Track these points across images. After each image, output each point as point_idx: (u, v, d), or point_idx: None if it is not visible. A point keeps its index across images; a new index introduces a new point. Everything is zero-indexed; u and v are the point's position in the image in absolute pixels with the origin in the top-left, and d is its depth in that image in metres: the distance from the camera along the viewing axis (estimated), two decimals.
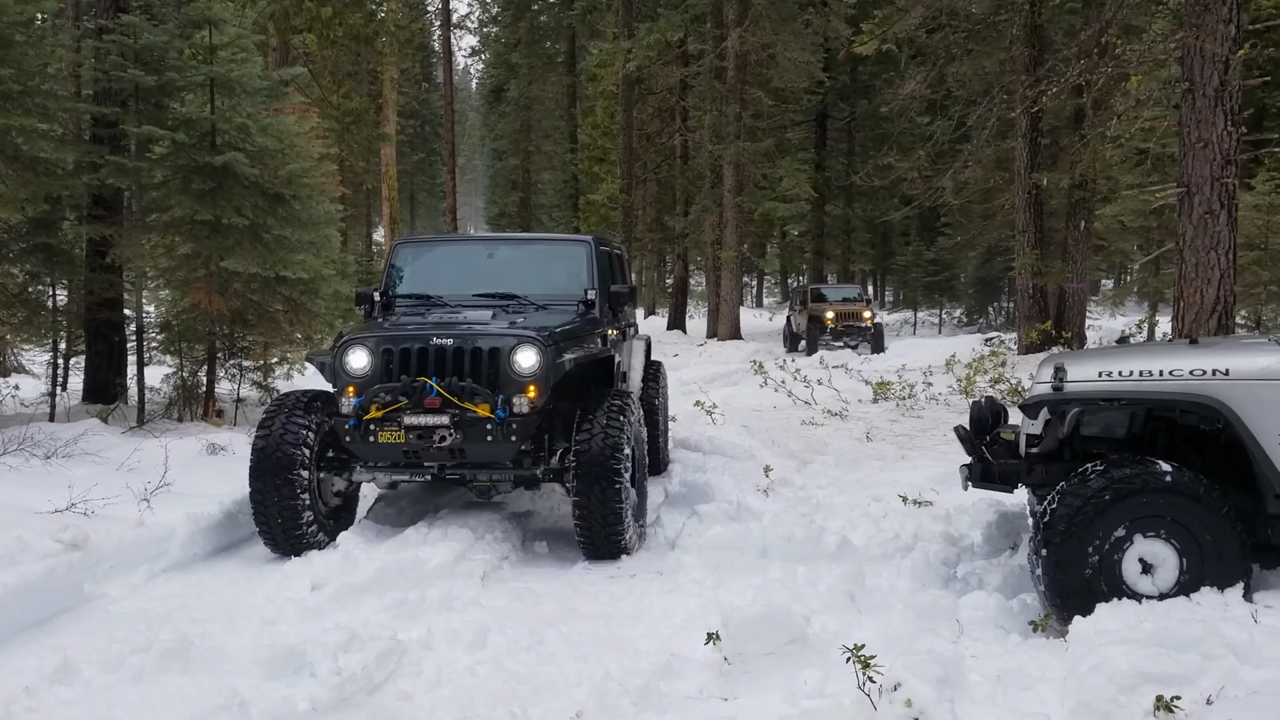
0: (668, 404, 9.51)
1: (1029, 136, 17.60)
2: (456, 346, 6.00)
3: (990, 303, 34.52)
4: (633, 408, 6.30)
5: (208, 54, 10.51)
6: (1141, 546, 4.55)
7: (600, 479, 5.87)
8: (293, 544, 6.11)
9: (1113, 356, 5.06)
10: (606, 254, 7.91)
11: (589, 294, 7.14)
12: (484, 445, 5.85)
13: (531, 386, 5.93)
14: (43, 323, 10.34)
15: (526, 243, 8.35)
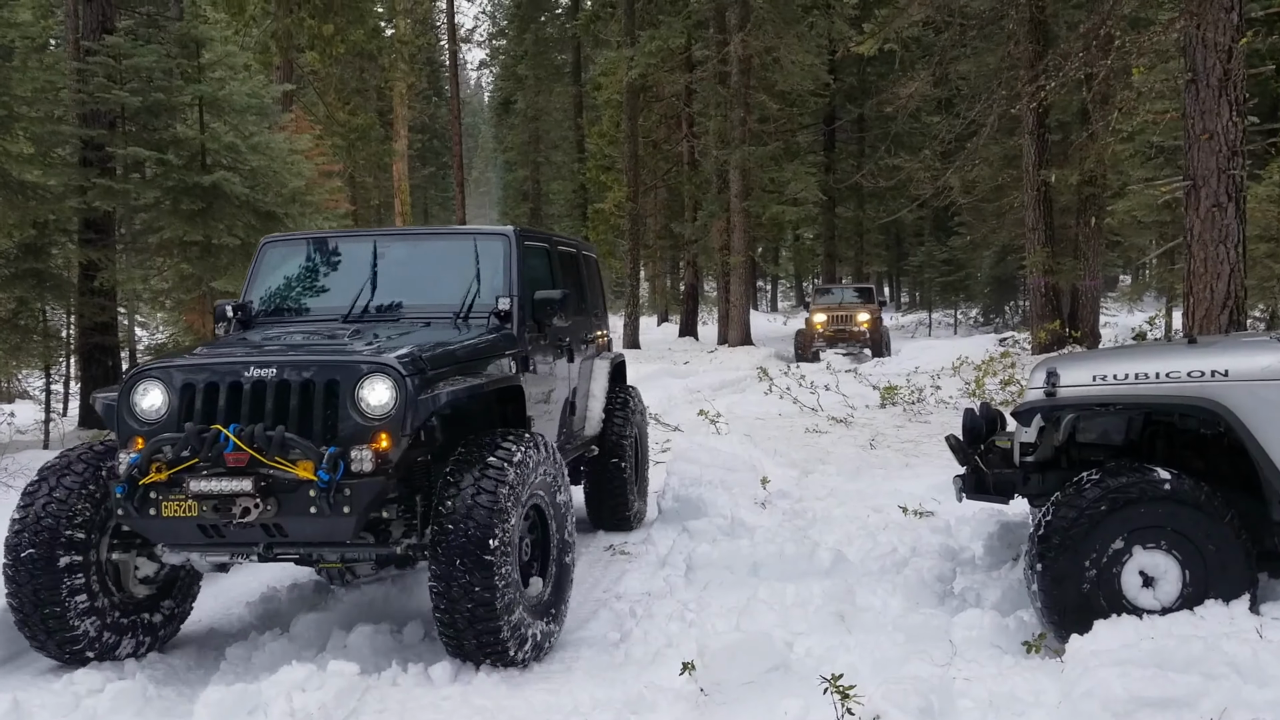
0: (645, 440, 8.01)
1: (1036, 133, 17.36)
2: (280, 379, 4.42)
3: (1006, 302, 34.17)
4: (532, 456, 4.68)
5: (196, 73, 10.44)
6: (1141, 559, 4.33)
7: (463, 562, 4.27)
8: (73, 656, 4.61)
9: (1108, 359, 4.84)
10: (545, 252, 6.45)
11: (502, 303, 5.47)
12: (306, 520, 4.31)
13: (383, 434, 4.34)
14: (34, 348, 10.24)
15: (426, 239, 6.40)
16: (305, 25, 21.80)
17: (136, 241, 10.92)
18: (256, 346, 4.85)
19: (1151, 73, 11.07)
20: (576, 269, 7.16)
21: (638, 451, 7.70)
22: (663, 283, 42.36)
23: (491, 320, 5.44)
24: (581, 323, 6.97)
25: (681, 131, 30.49)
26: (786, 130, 29.13)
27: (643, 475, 7.87)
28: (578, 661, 4.66)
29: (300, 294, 5.94)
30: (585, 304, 7.22)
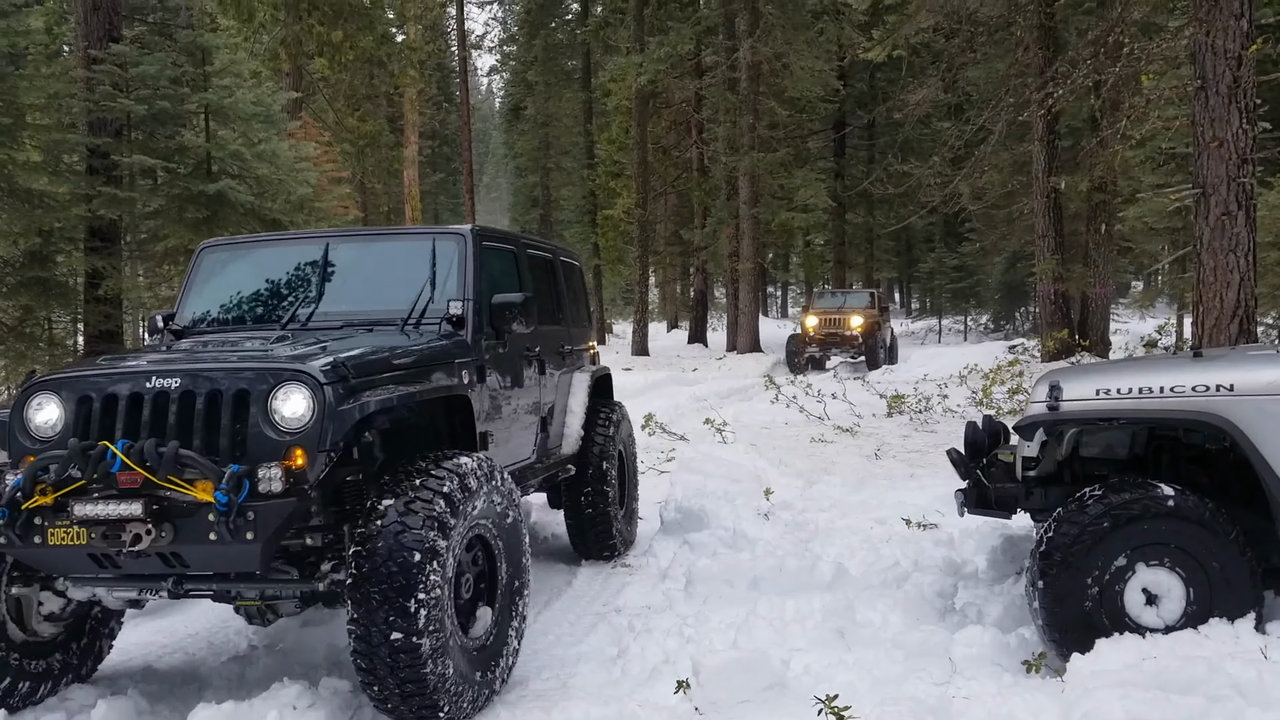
0: (632, 460, 7.50)
1: (1046, 140, 17.27)
2: (184, 390, 3.94)
3: (1017, 309, 34.06)
4: (472, 481, 4.19)
5: (203, 81, 10.45)
6: (1145, 576, 4.26)
7: (382, 603, 3.77)
8: None
9: (1111, 372, 4.77)
10: (511, 255, 5.95)
11: (454, 307, 5.01)
12: (205, 548, 3.80)
13: (297, 450, 3.85)
14: (39, 356, 10.26)
15: (376, 240, 5.91)
16: (314, 32, 21.82)
17: (142, 249, 10.93)
18: (167, 356, 4.42)
19: (1161, 79, 10.99)
20: (551, 275, 6.68)
21: (624, 472, 7.21)
22: (672, 289, 42.32)
23: (443, 326, 4.99)
24: (556, 333, 6.48)
25: (691, 138, 30.47)
26: (796, 137, 29.10)
27: (630, 498, 7.32)
28: (574, 678, 4.60)
29: (239, 301, 5.46)
30: (561, 312, 6.74)
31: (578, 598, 5.98)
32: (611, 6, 32.18)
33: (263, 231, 10.34)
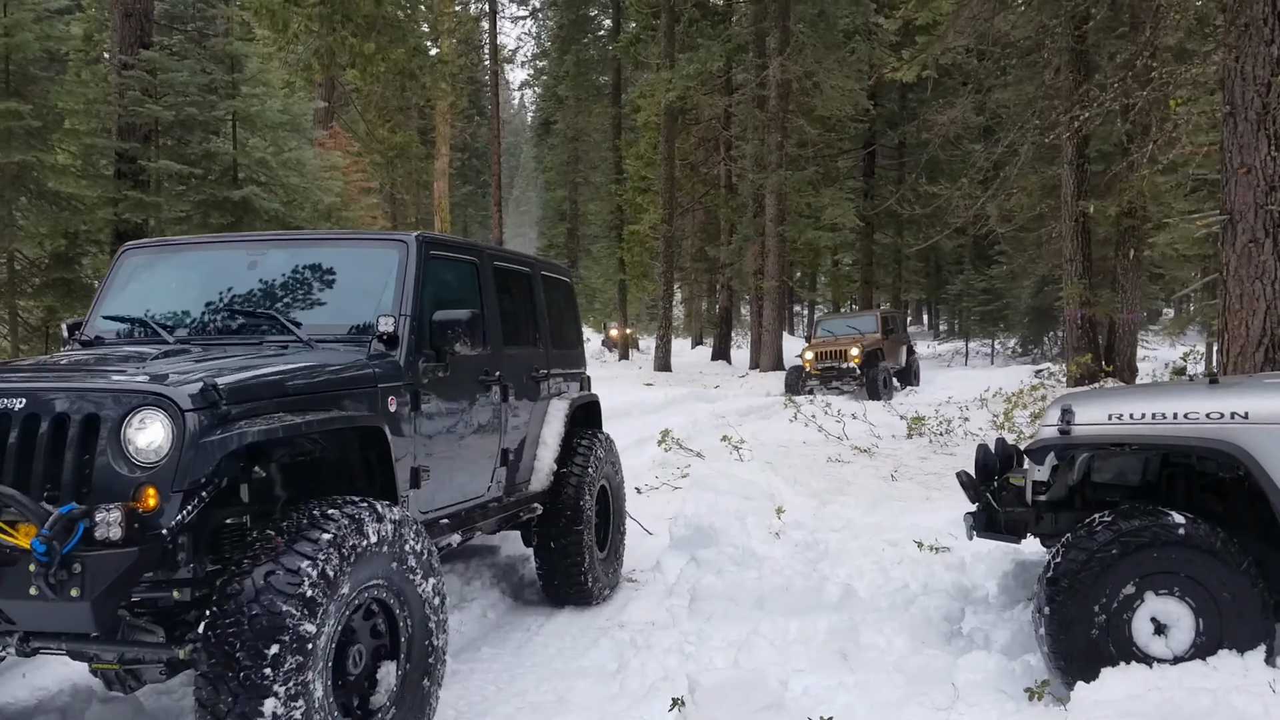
0: (619, 498, 6.91)
1: (1076, 163, 17.15)
2: (28, 413, 3.39)
3: (1045, 333, 33.74)
4: (368, 535, 3.55)
5: (231, 89, 10.56)
6: (1153, 605, 4.18)
7: (234, 674, 3.18)
8: None
9: (1125, 397, 4.70)
10: (470, 267, 5.33)
11: (384, 323, 4.41)
12: (27, 604, 3.18)
13: (149, 489, 3.25)
14: None
15: (308, 245, 5.19)
16: (347, 44, 22.00)
17: None
18: (26, 370, 3.88)
19: (1191, 105, 10.89)
20: (527, 291, 6.12)
21: (610, 511, 6.68)
22: (697, 305, 42.31)
23: (373, 345, 4.40)
24: (527, 356, 5.91)
25: (719, 155, 30.50)
26: (825, 155, 29.05)
27: (616, 540, 6.76)
28: (571, 692, 4.57)
29: (152, 309, 4.85)
30: (537, 333, 6.17)
31: (580, 611, 5.94)
32: (643, 23, 32.31)
33: None
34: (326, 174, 12.18)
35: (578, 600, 6.11)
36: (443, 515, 4.80)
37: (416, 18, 30.65)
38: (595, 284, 41.43)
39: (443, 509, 4.81)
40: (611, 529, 6.72)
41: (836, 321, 25.01)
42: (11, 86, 9.20)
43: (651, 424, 14.26)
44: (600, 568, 6.28)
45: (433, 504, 4.68)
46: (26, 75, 9.39)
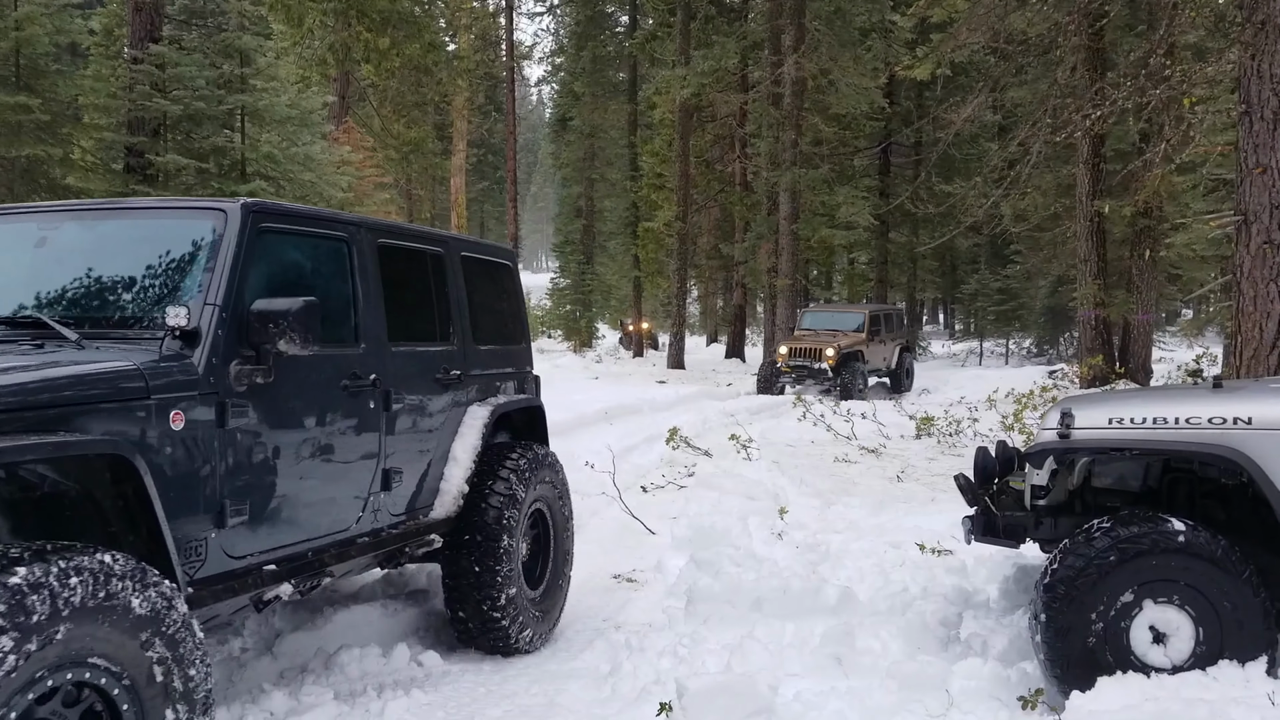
0: (560, 526, 5.76)
1: (1091, 162, 17.01)
2: None
3: (1061, 333, 33.52)
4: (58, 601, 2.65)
5: (240, 83, 10.56)
6: (1152, 613, 4.11)
7: None
8: None
9: (1126, 401, 4.62)
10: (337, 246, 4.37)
11: (175, 316, 3.43)
12: None
13: None
14: None
15: (108, 217, 4.27)
16: (362, 39, 22.05)
17: None
18: None
19: (1208, 104, 10.77)
20: (434, 276, 5.10)
21: (547, 542, 5.63)
22: (712, 303, 42.22)
23: (166, 344, 3.47)
24: (431, 355, 4.94)
25: (734, 152, 30.42)
26: (840, 153, 28.92)
27: (555, 576, 5.64)
28: (562, 694, 4.54)
29: None
30: (449, 326, 5.18)
31: (579, 613, 5.90)
32: (659, 20, 32.22)
33: None
34: (337, 169, 12.17)
35: (495, 646, 5.06)
36: (270, 560, 3.78)
37: (433, 13, 30.69)
38: (610, 280, 41.40)
39: (271, 551, 3.81)
40: (550, 563, 5.61)
41: (821, 315, 23.58)
42: (21, 81, 9.22)
43: (661, 421, 14.21)
44: (529, 609, 5.19)
45: (255, 546, 3.72)
46: (36, 69, 9.41)
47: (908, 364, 23.59)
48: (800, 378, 20.50)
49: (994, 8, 13.22)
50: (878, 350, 21.98)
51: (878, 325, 22.22)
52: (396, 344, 4.62)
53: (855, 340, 21.10)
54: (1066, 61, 14.53)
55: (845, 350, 20.47)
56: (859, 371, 20.16)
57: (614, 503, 8.49)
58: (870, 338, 21.54)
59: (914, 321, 38.97)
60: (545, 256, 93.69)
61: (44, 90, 9.28)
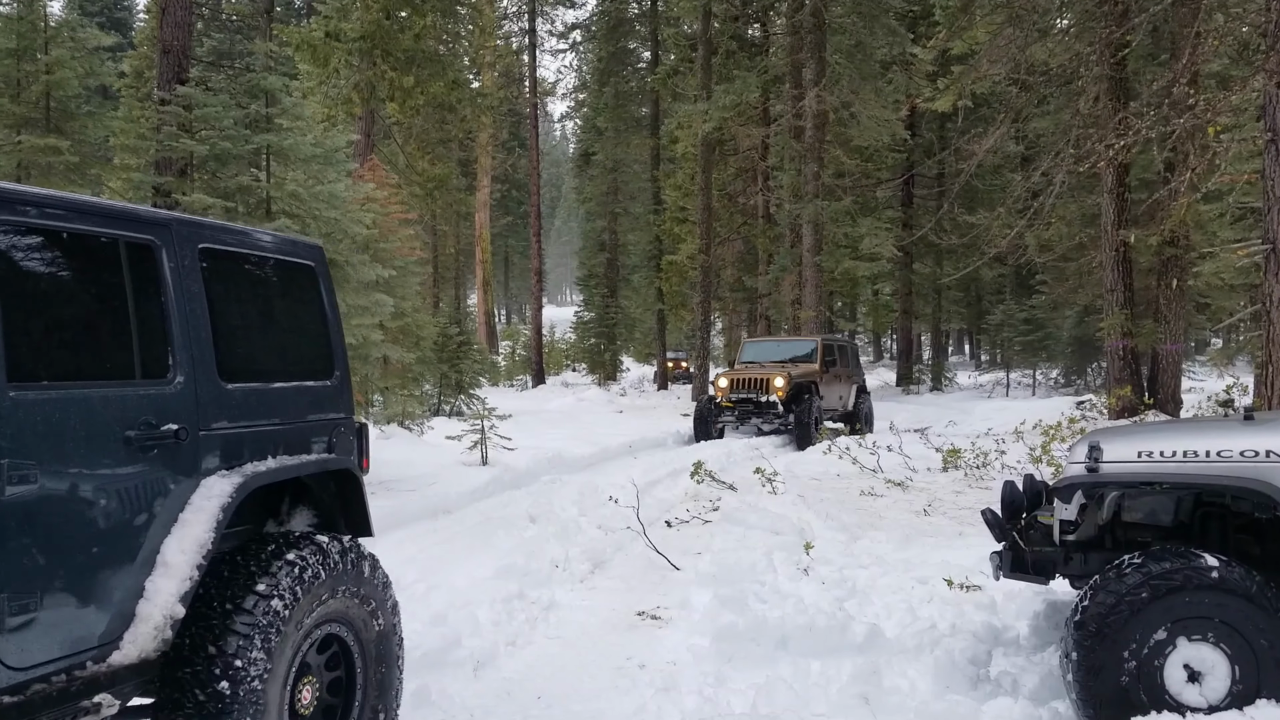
0: (386, 658, 4.08)
1: (1116, 192, 16.90)
2: None
3: (1088, 364, 33.23)
4: None
5: (265, 123, 10.67)
6: (1186, 651, 4.03)
7: None
8: None
9: (1156, 434, 4.56)
10: None
11: None
12: None
13: None
14: None
15: None
16: (386, 78, 22.28)
17: None
18: None
19: (1232, 132, 10.70)
20: (132, 277, 3.38)
21: (356, 685, 3.93)
22: (736, 335, 42.12)
23: None
24: (105, 400, 3.19)
25: (756, 185, 30.46)
26: (862, 185, 28.92)
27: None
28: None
29: None
30: (163, 355, 3.45)
31: (602, 650, 5.83)
32: (681, 55, 32.44)
33: None
34: (361, 206, 12.26)
35: None
36: None
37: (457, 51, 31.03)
38: (634, 313, 41.44)
39: None
40: (358, 711, 3.97)
41: (766, 345, 20.38)
42: (52, 123, 9.34)
43: (685, 456, 14.18)
44: None
45: None
46: (66, 112, 9.55)
47: (866, 407, 20.42)
48: (744, 415, 17.47)
49: (1015, 39, 13.21)
50: (833, 387, 18.99)
51: (832, 356, 19.22)
52: (30, 383, 2.97)
53: (808, 371, 18.23)
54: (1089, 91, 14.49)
55: (798, 381, 17.59)
56: (814, 407, 17.08)
57: (638, 538, 8.44)
58: (824, 369, 18.64)
59: (940, 353, 38.73)
60: (569, 290, 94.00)
61: (74, 132, 9.41)
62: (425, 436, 15.46)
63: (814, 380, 18.00)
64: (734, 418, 17.53)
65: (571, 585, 7.24)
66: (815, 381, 18.00)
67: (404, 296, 15.78)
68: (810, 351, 18.94)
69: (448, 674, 5.09)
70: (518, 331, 51.72)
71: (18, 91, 9.27)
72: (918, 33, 27.85)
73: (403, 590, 6.79)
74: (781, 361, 18.69)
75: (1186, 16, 11.69)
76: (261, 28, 24.09)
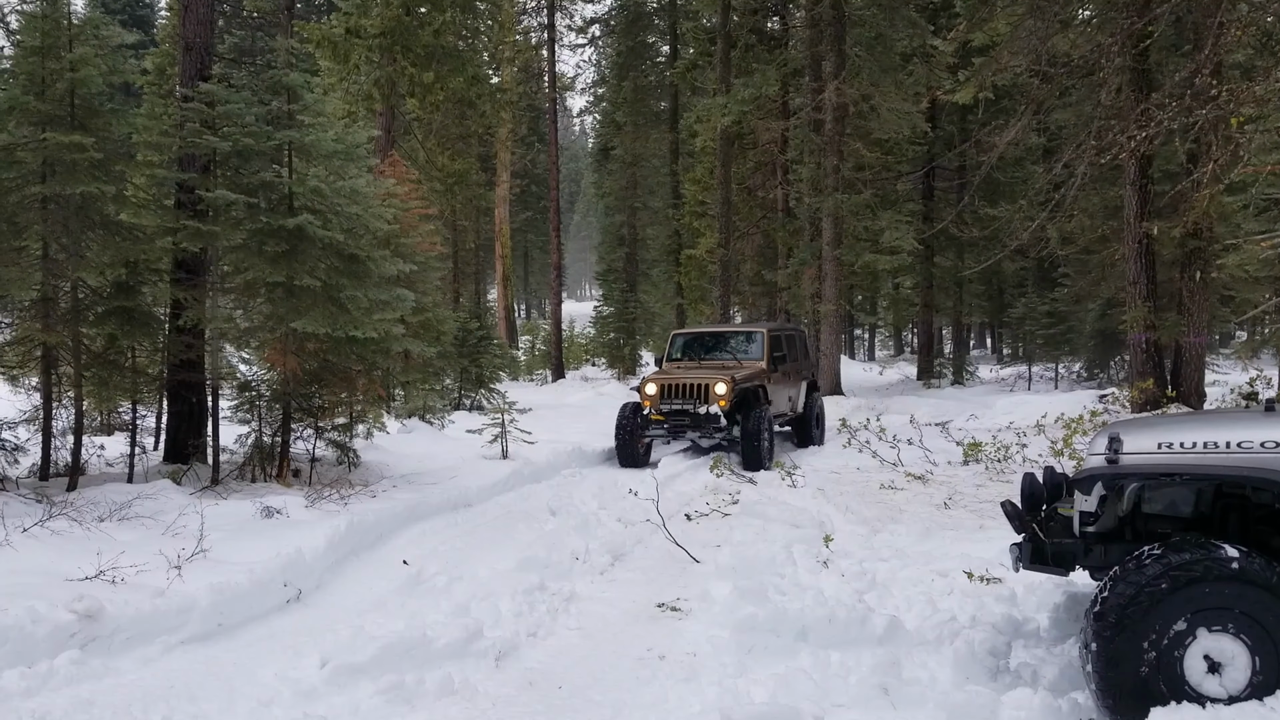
0: None
1: (1138, 184, 16.78)
2: None
3: (1111, 357, 32.99)
4: None
5: (287, 119, 10.72)
6: (1206, 642, 4.03)
7: None
8: None
9: (1176, 426, 4.55)
10: None
11: None
12: None
13: None
14: (123, 384, 10.54)
15: None
16: (406, 74, 22.37)
17: (224, 281, 11.22)
18: None
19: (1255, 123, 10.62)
20: None
21: None
22: None
23: None
24: None
25: (776, 178, 30.40)
26: (882, 178, 28.81)
27: None
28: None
29: None
30: None
31: (621, 639, 5.87)
32: (700, 49, 32.40)
33: (340, 266, 10.53)
34: (382, 201, 12.33)
35: None
36: None
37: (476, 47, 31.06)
38: (654, 308, 41.45)
39: None
40: None
41: (701, 338, 16.16)
42: (76, 120, 9.42)
43: None
44: None
45: None
46: (91, 109, 9.61)
47: (818, 407, 16.35)
48: (677, 430, 13.73)
49: (1036, 31, 13.14)
50: (782, 387, 15.23)
51: (780, 351, 15.37)
52: None
53: (754, 371, 14.40)
54: (1110, 83, 14.39)
55: (743, 386, 13.84)
56: (764, 420, 13.31)
57: (658, 531, 8.48)
58: (773, 367, 14.90)
59: (961, 347, 38.55)
60: (589, 285, 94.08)
61: (98, 129, 9.47)
62: (446, 430, 15.54)
63: (761, 384, 14.32)
64: (664, 432, 13.84)
65: (592, 577, 7.29)
66: (763, 385, 14.36)
67: (425, 291, 15.86)
68: (756, 346, 15.24)
69: (470, 664, 5.14)
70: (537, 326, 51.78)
71: (42, 89, 9.34)
72: (938, 24, 27.73)
73: (424, 582, 6.86)
74: (722, 361, 15.13)
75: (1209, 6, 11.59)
76: (282, 24, 24.18)
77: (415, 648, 5.09)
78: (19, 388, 10.94)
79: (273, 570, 6.46)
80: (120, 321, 10.02)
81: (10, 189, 9.20)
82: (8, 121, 9.43)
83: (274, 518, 8.32)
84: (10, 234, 9.47)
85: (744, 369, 14.42)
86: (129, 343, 10.40)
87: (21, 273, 9.63)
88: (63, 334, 9.72)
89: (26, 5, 12.23)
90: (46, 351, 9.74)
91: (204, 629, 5.78)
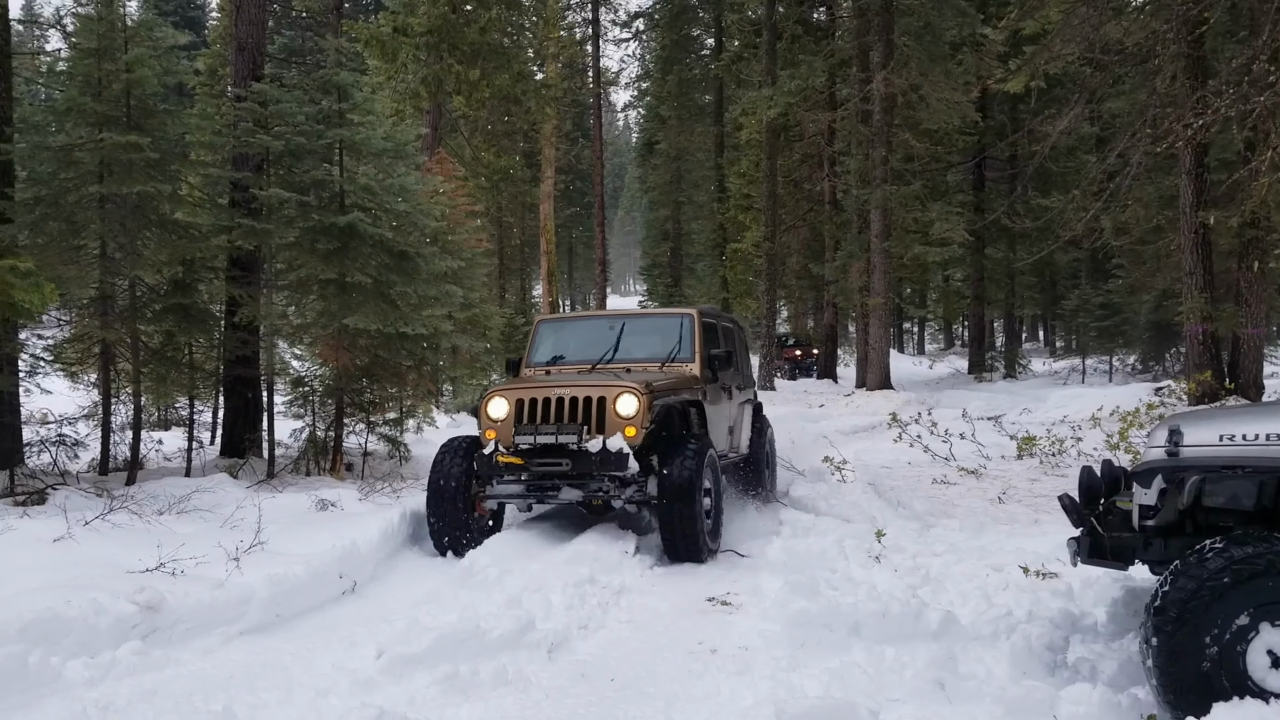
0: None
1: (1194, 172, 16.47)
2: None
3: (1167, 349, 32.44)
4: None
5: (338, 118, 10.85)
6: (1270, 637, 3.95)
7: None
8: None
9: (1238, 417, 4.47)
10: None
11: None
12: None
13: None
14: (180, 379, 10.73)
15: None
16: (453, 71, 22.50)
17: (278, 279, 11.39)
18: None
19: None
20: None
21: None
22: (803, 323, 41.89)
23: None
24: None
25: (823, 171, 30.24)
26: (932, 169, 28.53)
27: None
28: None
29: None
30: None
31: (672, 633, 5.88)
32: (745, 41, 32.30)
33: (391, 263, 10.63)
34: (431, 199, 12.43)
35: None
36: None
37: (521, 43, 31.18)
38: (698, 302, 41.46)
39: None
40: None
41: (585, 328, 10.24)
42: (132, 121, 9.59)
43: None
44: None
45: None
46: (146, 109, 9.78)
47: (768, 442, 11.09)
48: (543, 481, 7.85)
49: (1089, 18, 12.93)
50: (722, 407, 9.60)
51: (717, 348, 9.67)
52: None
53: (681, 379, 8.80)
54: (1165, 70, 14.12)
55: (664, 401, 8.10)
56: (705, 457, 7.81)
57: None
58: (710, 374, 9.22)
59: (1013, 340, 38.07)
60: (633, 279, 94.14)
61: (153, 129, 9.64)
62: None
63: (696, 400, 8.76)
64: (522, 487, 7.97)
65: (641, 571, 7.31)
66: (699, 401, 8.80)
67: (472, 287, 15.96)
68: (677, 339, 9.34)
69: (523, 655, 5.17)
70: None
71: (99, 90, 9.52)
72: (988, 13, 27.38)
73: (475, 574, 6.92)
74: (624, 364, 9.11)
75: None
76: (331, 24, 24.42)
77: (469, 639, 5.13)
78: (79, 384, 11.18)
79: (329, 562, 6.55)
80: (177, 318, 10.21)
81: (68, 189, 9.39)
82: (65, 122, 9.64)
83: (329, 510, 8.43)
84: (69, 233, 9.68)
85: (664, 377, 8.61)
86: (186, 339, 10.59)
87: (80, 271, 9.84)
88: (121, 331, 9.92)
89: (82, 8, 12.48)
90: (105, 348, 9.94)
91: (262, 620, 5.87)
